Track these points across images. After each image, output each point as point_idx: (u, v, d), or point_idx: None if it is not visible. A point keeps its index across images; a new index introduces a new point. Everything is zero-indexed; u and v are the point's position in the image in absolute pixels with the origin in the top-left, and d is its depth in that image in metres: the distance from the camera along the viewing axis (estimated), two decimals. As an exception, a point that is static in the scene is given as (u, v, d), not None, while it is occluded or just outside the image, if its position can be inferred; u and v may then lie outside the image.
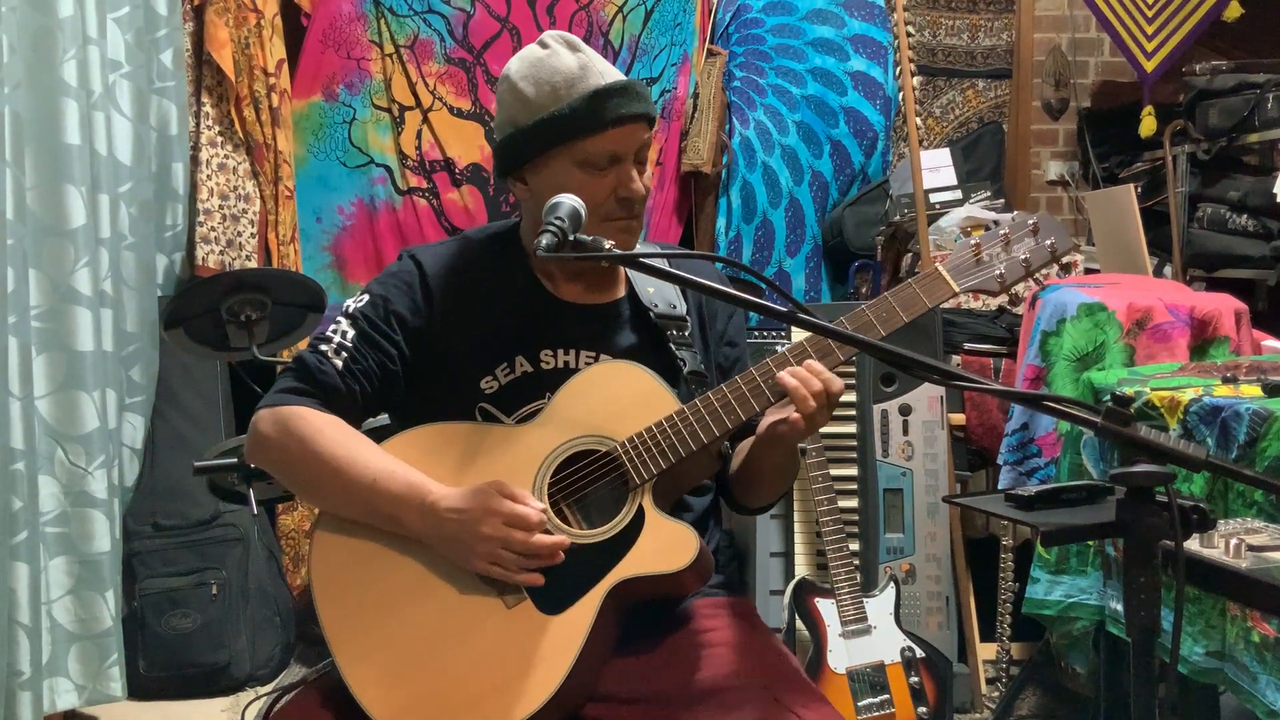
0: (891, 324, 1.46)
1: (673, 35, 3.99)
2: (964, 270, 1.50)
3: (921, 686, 2.56)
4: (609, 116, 1.49)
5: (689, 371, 1.58)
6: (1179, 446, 1.13)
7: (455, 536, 1.40)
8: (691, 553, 1.41)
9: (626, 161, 1.52)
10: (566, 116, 1.49)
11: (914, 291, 1.48)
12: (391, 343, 1.55)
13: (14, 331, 2.54)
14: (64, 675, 2.72)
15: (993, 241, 1.51)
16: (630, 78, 1.56)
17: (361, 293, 1.59)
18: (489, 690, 1.39)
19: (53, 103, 2.70)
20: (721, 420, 1.44)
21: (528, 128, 1.52)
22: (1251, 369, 2.22)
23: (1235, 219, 3.73)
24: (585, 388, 1.50)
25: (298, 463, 1.49)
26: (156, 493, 3.21)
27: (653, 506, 1.44)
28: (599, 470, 1.46)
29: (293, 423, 1.49)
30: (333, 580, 1.47)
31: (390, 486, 1.44)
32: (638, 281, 1.63)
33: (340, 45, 3.76)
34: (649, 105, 1.54)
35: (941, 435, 2.98)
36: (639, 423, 1.45)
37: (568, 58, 1.53)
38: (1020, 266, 1.50)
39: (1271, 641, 1.71)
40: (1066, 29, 4.61)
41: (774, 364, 1.45)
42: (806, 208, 4.14)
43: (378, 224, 3.81)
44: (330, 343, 1.53)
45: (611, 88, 1.50)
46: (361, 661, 1.43)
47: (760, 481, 1.60)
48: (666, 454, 1.44)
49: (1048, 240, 1.52)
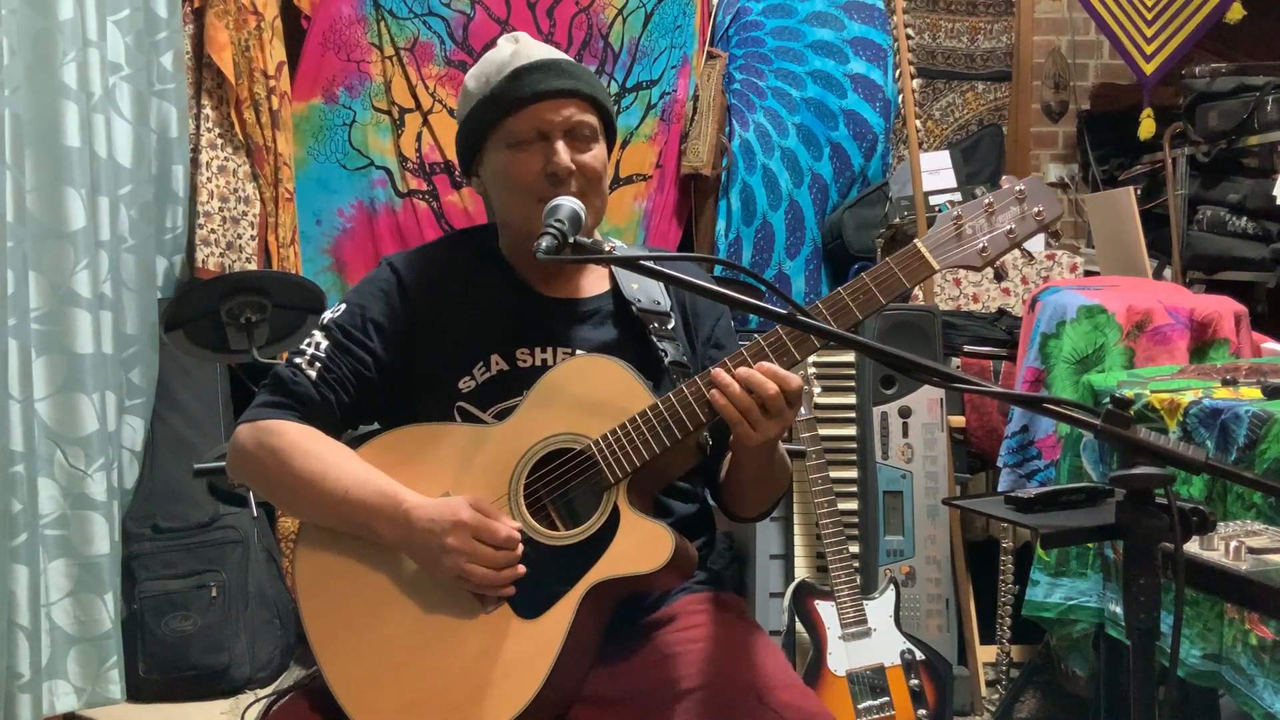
0: (869, 306, 1.39)
1: (672, 38, 3.99)
2: (944, 246, 1.42)
3: (921, 689, 2.56)
4: (526, 92, 1.51)
5: (670, 362, 1.56)
6: (1178, 449, 1.13)
7: (424, 545, 1.41)
8: (667, 552, 1.39)
9: (555, 138, 1.52)
10: (488, 99, 1.53)
11: (890, 270, 1.40)
12: (366, 350, 1.55)
13: (14, 334, 2.54)
14: (63, 678, 2.72)
15: (975, 213, 1.42)
16: (558, 55, 1.56)
17: (339, 303, 1.60)
18: (469, 696, 1.40)
19: (53, 105, 2.70)
20: (695, 413, 1.41)
21: (464, 120, 1.57)
22: (1251, 371, 2.23)
23: (1235, 221, 3.73)
24: (560, 384, 1.48)
25: (274, 475, 1.50)
26: (156, 495, 3.21)
27: (628, 505, 1.42)
28: (575, 469, 1.45)
29: (268, 437, 1.50)
30: (316, 591, 1.49)
31: (363, 496, 1.44)
32: (621, 277, 1.63)
33: (340, 48, 3.76)
34: (577, 81, 1.54)
35: (941, 437, 2.98)
36: (613, 419, 1.43)
37: (505, 49, 1.56)
38: (1004, 239, 1.41)
39: (1269, 644, 1.71)
40: (1066, 31, 4.61)
41: (749, 353, 1.41)
42: (806, 210, 4.14)
43: (378, 226, 3.81)
44: (304, 355, 1.55)
45: (531, 65, 1.52)
46: (346, 670, 1.44)
47: (744, 490, 1.58)
48: (640, 450, 1.41)
49: (1035, 208, 1.42)
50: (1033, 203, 1.42)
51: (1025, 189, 1.43)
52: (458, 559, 1.38)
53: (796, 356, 1.41)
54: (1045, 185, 1.46)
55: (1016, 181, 1.45)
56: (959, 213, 1.43)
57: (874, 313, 1.42)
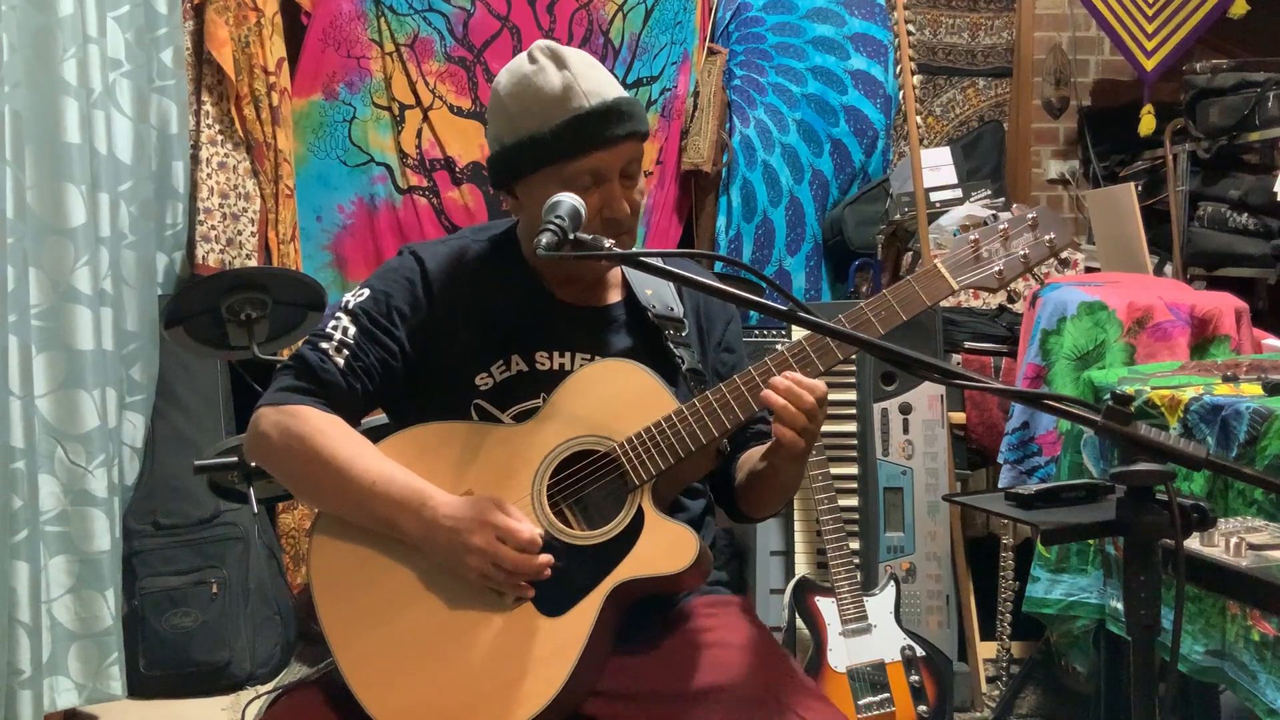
0: (890, 322, 1.44)
1: (673, 34, 3.99)
2: (963, 267, 1.48)
3: (921, 685, 2.56)
4: (590, 142, 1.48)
5: (687, 369, 1.58)
6: (1179, 445, 1.13)
7: (448, 544, 1.41)
8: (692, 554, 1.41)
9: (612, 181, 1.51)
10: (548, 141, 1.49)
11: (912, 289, 1.46)
12: (393, 339, 1.54)
13: (14, 330, 2.54)
14: (64, 674, 2.73)
15: (991, 237, 1.49)
16: (616, 97, 1.52)
17: (361, 288, 1.58)
18: (490, 693, 1.40)
19: (53, 101, 2.70)
20: (721, 420, 1.44)
21: (511, 147, 1.53)
22: (1252, 368, 2.22)
23: (1235, 217, 3.72)
24: (584, 386, 1.49)
25: (298, 463, 1.49)
26: (156, 491, 3.21)
27: (652, 507, 1.44)
28: (598, 470, 1.46)
29: (294, 422, 1.48)
30: (333, 583, 1.48)
31: (389, 491, 1.44)
32: (636, 284, 1.63)
33: (340, 44, 3.76)
34: (636, 123, 1.52)
35: (942, 434, 2.98)
36: (638, 422, 1.45)
37: (553, 76, 1.50)
38: (1019, 262, 1.49)
39: (1271, 640, 1.71)
40: (1067, 27, 4.61)
41: (773, 363, 1.45)
42: (807, 206, 4.14)
43: (378, 223, 3.81)
44: (331, 340, 1.53)
45: (594, 111, 1.48)
46: (364, 664, 1.43)
47: (768, 495, 1.60)
48: (666, 454, 1.43)
49: (1047, 235, 1.50)
50: (1044, 230, 1.51)
51: (1037, 217, 1.51)
52: (481, 559, 1.38)
53: (820, 368, 1.45)
54: (1055, 214, 1.54)
55: (1028, 210, 1.53)
56: (976, 235, 1.50)
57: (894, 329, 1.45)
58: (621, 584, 1.41)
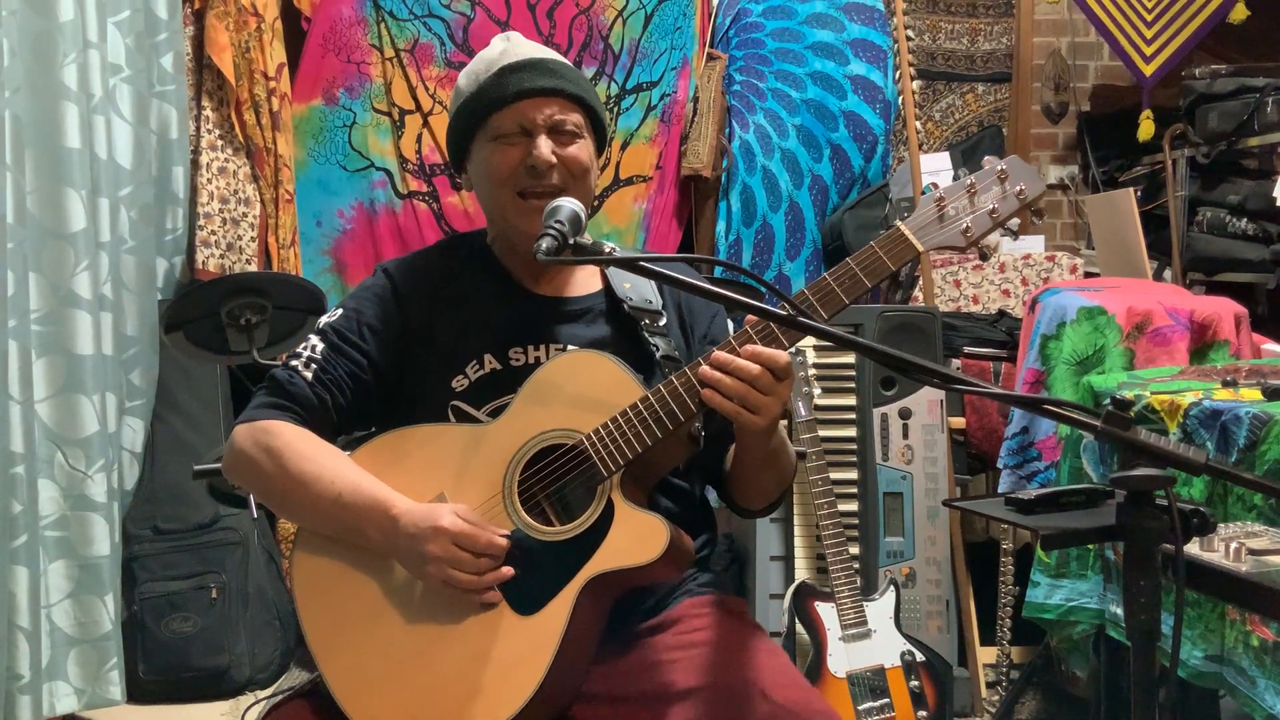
0: (855, 290, 1.40)
1: (672, 39, 3.99)
2: (927, 228, 1.42)
3: (921, 690, 2.56)
4: (511, 90, 1.54)
5: (662, 356, 1.57)
6: (1179, 450, 1.13)
7: (409, 552, 1.42)
8: (662, 543, 1.38)
9: (538, 134, 1.54)
10: (475, 95, 1.57)
11: (875, 253, 1.41)
12: (361, 352, 1.57)
13: (14, 335, 2.54)
14: (63, 679, 2.72)
15: (957, 194, 1.43)
16: (544, 55, 1.59)
17: (335, 308, 1.63)
18: (470, 695, 1.40)
19: (53, 106, 2.70)
20: (685, 403, 1.41)
21: (453, 118, 1.60)
22: (1251, 373, 2.23)
23: (1235, 223, 3.73)
24: (550, 380, 1.49)
25: (268, 476, 1.50)
26: (156, 496, 3.20)
27: (622, 498, 1.42)
28: (568, 464, 1.45)
29: (265, 437, 1.51)
30: (315, 595, 1.49)
31: (356, 500, 1.45)
32: (614, 277, 1.64)
33: (340, 49, 3.76)
34: (562, 80, 1.56)
35: (941, 439, 2.98)
36: (605, 413, 1.43)
37: (496, 47, 1.59)
38: (987, 218, 1.42)
39: (1271, 645, 1.71)
40: (1066, 33, 4.61)
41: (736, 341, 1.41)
42: (806, 211, 4.14)
43: (378, 228, 3.81)
44: (300, 358, 1.56)
45: (518, 63, 1.55)
46: (347, 674, 1.45)
47: (751, 478, 1.58)
48: (632, 443, 1.41)
49: (1016, 186, 1.43)
50: (1014, 181, 1.44)
51: (1006, 168, 1.44)
52: (438, 567, 1.39)
53: (784, 343, 1.40)
54: (1026, 164, 1.47)
55: (998, 161, 1.46)
56: (941, 194, 1.44)
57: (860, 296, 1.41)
58: (594, 577, 1.40)
